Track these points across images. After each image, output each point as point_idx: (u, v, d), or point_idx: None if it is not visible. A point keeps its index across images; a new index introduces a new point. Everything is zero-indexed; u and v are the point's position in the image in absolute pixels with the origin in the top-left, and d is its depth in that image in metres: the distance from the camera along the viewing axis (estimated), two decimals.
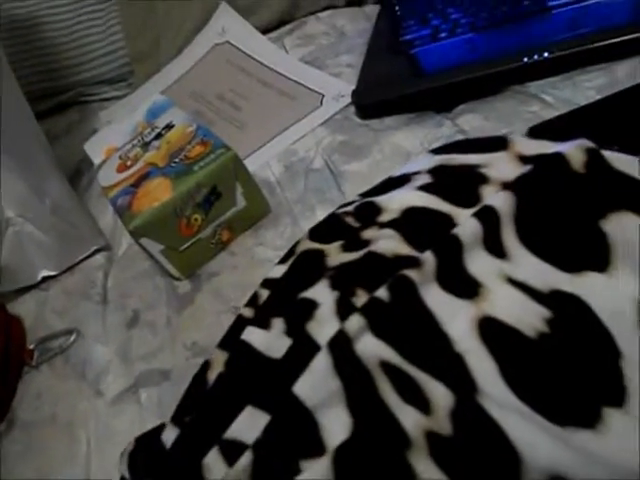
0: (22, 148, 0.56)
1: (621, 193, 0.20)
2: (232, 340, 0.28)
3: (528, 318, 0.19)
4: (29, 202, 0.54)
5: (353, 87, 0.60)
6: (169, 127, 0.54)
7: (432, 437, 0.18)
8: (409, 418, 0.19)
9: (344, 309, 0.22)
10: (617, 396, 0.18)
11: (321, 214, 0.45)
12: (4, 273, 0.54)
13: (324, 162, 0.54)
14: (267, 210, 0.51)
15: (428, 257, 0.21)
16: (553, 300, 0.19)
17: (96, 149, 0.65)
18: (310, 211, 0.50)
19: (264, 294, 0.29)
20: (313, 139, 0.58)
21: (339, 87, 0.62)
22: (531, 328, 0.19)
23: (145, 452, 0.27)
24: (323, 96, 0.63)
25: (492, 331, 0.19)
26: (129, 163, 0.53)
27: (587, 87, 0.48)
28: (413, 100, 0.55)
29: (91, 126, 0.78)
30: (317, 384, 0.21)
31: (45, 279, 0.56)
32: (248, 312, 0.29)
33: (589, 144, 0.21)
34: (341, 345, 0.21)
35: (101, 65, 0.83)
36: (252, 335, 0.26)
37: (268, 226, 0.51)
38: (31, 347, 0.49)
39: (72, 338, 0.49)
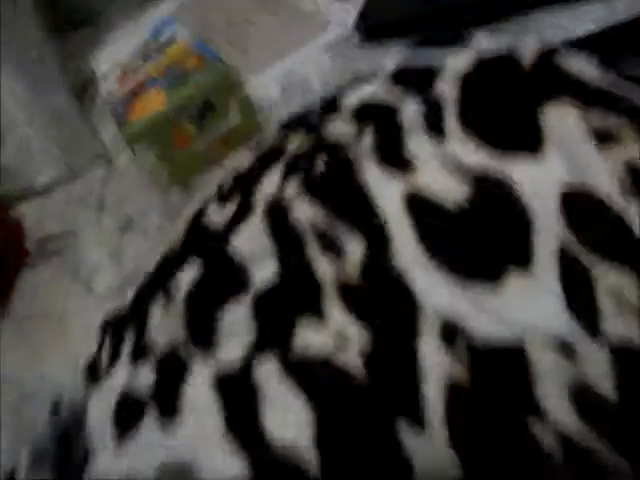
0: (28, 56, 0.57)
1: (561, 87, 0.21)
2: (193, 216, 0.30)
3: (451, 193, 0.20)
4: (34, 109, 0.55)
5: (358, 11, 0.59)
6: (170, 42, 0.55)
7: (342, 284, 0.20)
8: (325, 268, 0.20)
9: (286, 179, 0.24)
10: (522, 260, 0.19)
11: None
12: (5, 176, 0.56)
13: (322, 85, 0.55)
14: (260, 128, 0.52)
15: (367, 132, 0.22)
16: (479, 179, 0.20)
17: (101, 63, 0.66)
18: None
19: (228, 181, 0.31)
20: (314, 63, 0.58)
21: (344, 12, 0.62)
22: (452, 202, 0.20)
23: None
24: (329, 22, 0.62)
25: (417, 203, 0.20)
26: (129, 74, 0.54)
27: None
28: (418, 24, 0.55)
29: (99, 43, 0.79)
30: (251, 239, 0.22)
31: (45, 185, 0.58)
32: (213, 197, 0.31)
33: (546, 42, 0.22)
34: (276, 207, 0.22)
35: None
36: (210, 212, 0.27)
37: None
38: (29, 247, 0.52)
39: (68, 241, 0.51)
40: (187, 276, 0.24)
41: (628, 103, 0.21)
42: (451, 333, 0.19)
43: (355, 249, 0.20)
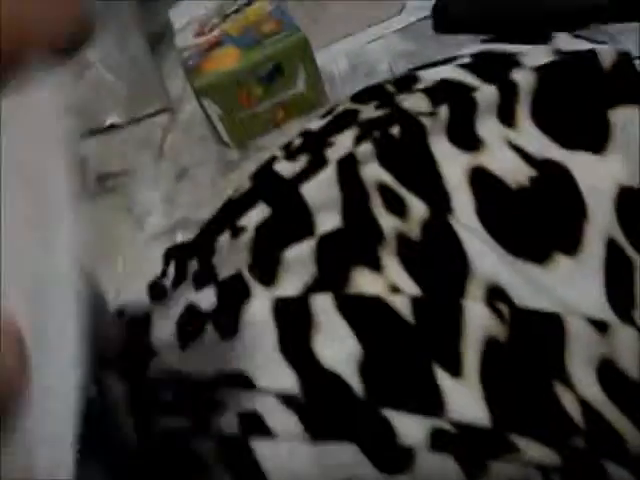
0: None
1: (636, 92, 0.21)
2: (258, 171, 0.32)
3: (514, 174, 0.21)
4: (110, 50, 0.57)
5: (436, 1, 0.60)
6: (249, 3, 0.56)
7: (402, 238, 0.21)
8: (388, 222, 0.22)
9: (359, 142, 0.25)
10: (571, 245, 0.20)
11: None
12: (76, 112, 0.59)
13: (389, 67, 0.56)
14: (324, 101, 0.54)
15: (442, 110, 0.23)
16: (542, 165, 0.21)
17: (179, 16, 0.67)
18: None
19: (297, 141, 0.33)
20: (384, 44, 0.59)
21: None
22: (514, 181, 0.21)
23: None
24: (404, 6, 0.63)
25: (480, 177, 0.22)
26: (206, 30, 0.56)
27: None
28: (496, 23, 0.55)
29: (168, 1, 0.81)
30: (321, 189, 0.24)
31: (111, 126, 0.60)
32: (279, 153, 0.32)
33: (624, 49, 0.23)
34: (348, 164, 0.24)
35: None
36: (279, 165, 0.29)
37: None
38: (90, 182, 0.55)
39: (126, 179, 0.54)
40: (256, 215, 0.26)
41: None
42: (496, 296, 0.20)
43: (418, 209, 0.22)
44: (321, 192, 0.24)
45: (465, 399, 0.19)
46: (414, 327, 0.20)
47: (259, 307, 0.22)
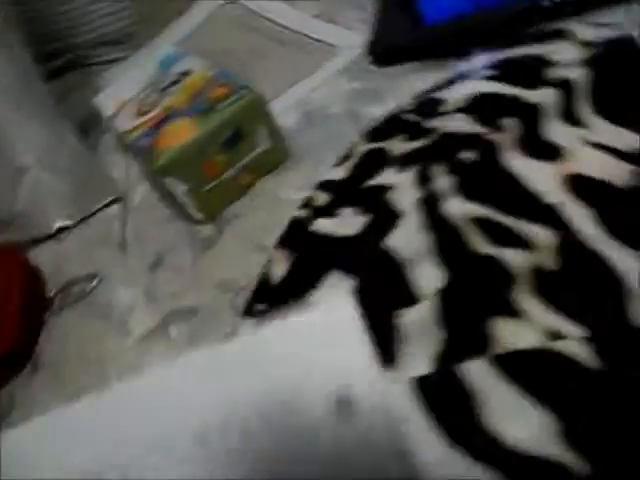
0: (38, 100, 0.55)
1: None
2: (291, 238, 0.28)
3: (614, 172, 0.19)
4: (48, 149, 0.53)
5: (365, 38, 0.60)
6: (186, 73, 0.54)
7: (538, 272, 0.19)
8: (514, 256, 0.19)
9: (423, 179, 0.23)
10: None
11: None
12: (19, 222, 0.53)
13: (342, 107, 0.54)
14: (287, 154, 0.51)
15: (509, 124, 0.22)
16: (633, 156, 0.20)
17: (107, 102, 0.64)
18: (332, 154, 0.50)
19: (320, 196, 0.30)
20: (329, 87, 0.58)
21: (352, 38, 0.62)
22: (619, 179, 0.19)
23: None
24: (337, 48, 0.63)
25: (583, 185, 0.20)
26: (147, 108, 0.52)
27: None
28: (428, 47, 0.55)
29: (94, 86, 0.77)
30: (408, 237, 0.21)
31: (60, 230, 0.55)
32: (304, 213, 0.29)
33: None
34: (430, 204, 0.21)
35: (102, 26, 0.82)
36: (320, 224, 0.26)
37: (289, 169, 0.51)
38: (52, 294, 0.49)
39: (94, 282, 0.49)
40: (333, 284, 0.22)
41: None
42: None
43: (542, 235, 0.19)
44: (409, 241, 0.21)
45: None
46: (605, 373, 0.17)
47: (397, 391, 0.19)
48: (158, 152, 0.46)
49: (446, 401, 0.18)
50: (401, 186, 0.23)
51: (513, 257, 0.19)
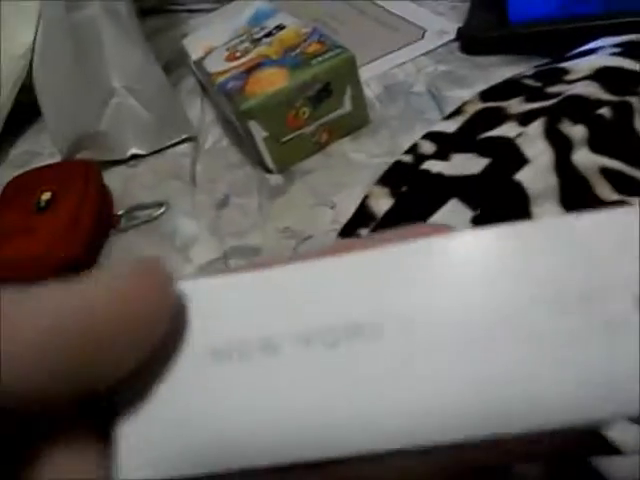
0: (135, 29, 0.57)
1: None
2: (396, 176, 0.29)
3: None
4: (138, 77, 0.55)
5: (456, 25, 0.60)
6: (280, 27, 0.55)
7: None
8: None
9: (552, 131, 0.23)
10: None
11: (421, 132, 0.46)
12: (99, 142, 0.55)
13: (426, 87, 0.55)
14: (367, 120, 0.52)
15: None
16: None
17: (194, 46, 0.66)
18: (410, 127, 0.51)
19: (427, 145, 0.30)
20: (414, 67, 0.59)
21: (442, 24, 0.63)
22: None
23: None
24: (425, 31, 0.63)
25: None
26: (238, 54, 0.54)
27: None
28: (513, 43, 0.56)
29: (180, 31, 0.79)
30: (536, 176, 0.22)
31: (133, 157, 0.57)
32: (407, 158, 0.30)
33: None
34: (560, 151, 0.22)
35: None
36: (431, 164, 0.27)
37: (366, 136, 0.52)
38: (119, 212, 0.51)
39: (162, 209, 0.51)
40: (453, 212, 0.23)
41: None
42: None
43: None
44: (539, 179, 0.22)
45: None
46: None
47: None
48: (247, 95, 0.47)
49: None
50: (528, 135, 0.24)
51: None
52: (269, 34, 0.55)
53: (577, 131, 0.22)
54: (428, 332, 0.13)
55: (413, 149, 0.31)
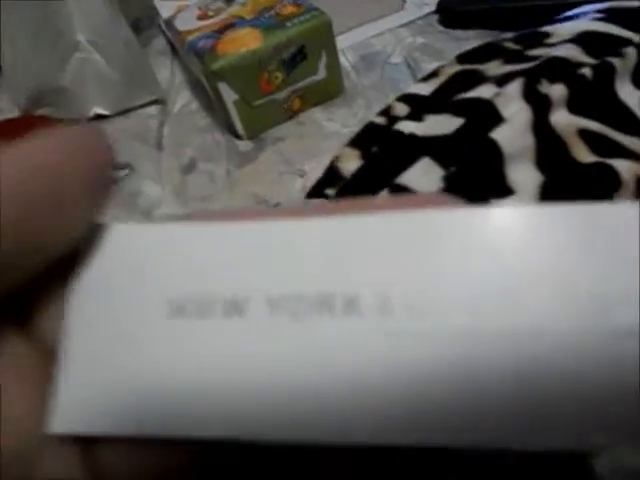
0: None
1: None
2: (367, 137, 0.28)
3: None
4: (104, 33, 0.52)
5: None
6: None
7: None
8: (622, 165, 0.19)
9: (530, 91, 0.22)
10: None
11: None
12: (61, 98, 0.53)
13: (403, 58, 0.54)
14: (341, 89, 0.51)
15: (630, 52, 0.21)
16: None
17: (166, 4, 0.63)
18: (385, 98, 0.50)
19: (401, 107, 0.29)
20: (392, 37, 0.57)
21: None
22: None
23: None
24: (405, 2, 0.62)
25: None
26: (211, 14, 0.52)
27: None
28: (493, 18, 0.55)
29: None
30: (513, 135, 0.21)
31: (98, 117, 0.55)
32: (380, 120, 0.29)
33: None
34: (538, 110, 0.21)
35: None
36: (404, 125, 0.26)
37: (340, 105, 0.51)
38: None
39: (126, 171, 0.49)
40: (422, 173, 0.22)
41: None
42: None
43: None
44: (515, 138, 0.21)
45: None
46: None
47: None
48: (217, 55, 0.45)
49: None
50: (505, 95, 0.23)
51: (619, 165, 0.19)
52: None
53: (556, 91, 0.21)
54: (406, 314, 0.12)
55: (386, 111, 0.30)
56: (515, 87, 0.23)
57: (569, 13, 0.30)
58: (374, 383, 0.11)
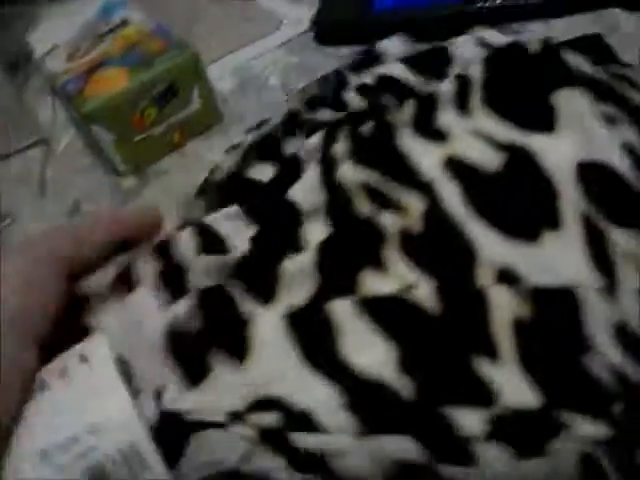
0: None
1: (570, 76, 0.23)
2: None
3: (487, 158, 0.22)
4: None
5: (312, 12, 0.61)
6: (125, 23, 0.53)
7: (405, 234, 0.21)
8: (388, 220, 0.21)
9: (327, 143, 0.24)
10: (553, 223, 0.21)
11: None
12: None
13: (279, 80, 0.55)
14: (219, 117, 0.52)
15: (409, 105, 0.24)
16: (508, 149, 0.22)
17: (40, 42, 0.62)
18: None
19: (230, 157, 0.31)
20: (269, 59, 0.59)
21: (298, 12, 0.63)
22: (490, 165, 0.22)
23: None
24: (281, 21, 0.63)
25: (456, 165, 0.22)
26: (80, 54, 0.51)
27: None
28: (371, 34, 0.57)
29: (27, 24, 0.74)
30: (309, 192, 0.23)
31: None
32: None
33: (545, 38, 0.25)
34: (328, 164, 0.23)
35: None
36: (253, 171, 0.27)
37: (220, 133, 0.52)
38: None
39: (7, 221, 0.48)
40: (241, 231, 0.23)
41: (618, 94, 0.24)
42: (506, 277, 0.20)
43: (413, 203, 0.21)
44: (310, 195, 0.23)
45: (510, 383, 0.19)
46: (441, 318, 0.20)
47: (268, 324, 0.20)
48: (87, 98, 0.45)
49: (311, 331, 0.20)
50: (308, 148, 0.25)
51: (387, 219, 0.21)
52: (112, 30, 0.52)
53: (343, 145, 0.23)
54: None
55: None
56: (317, 140, 0.25)
57: (381, 49, 0.32)
58: None
